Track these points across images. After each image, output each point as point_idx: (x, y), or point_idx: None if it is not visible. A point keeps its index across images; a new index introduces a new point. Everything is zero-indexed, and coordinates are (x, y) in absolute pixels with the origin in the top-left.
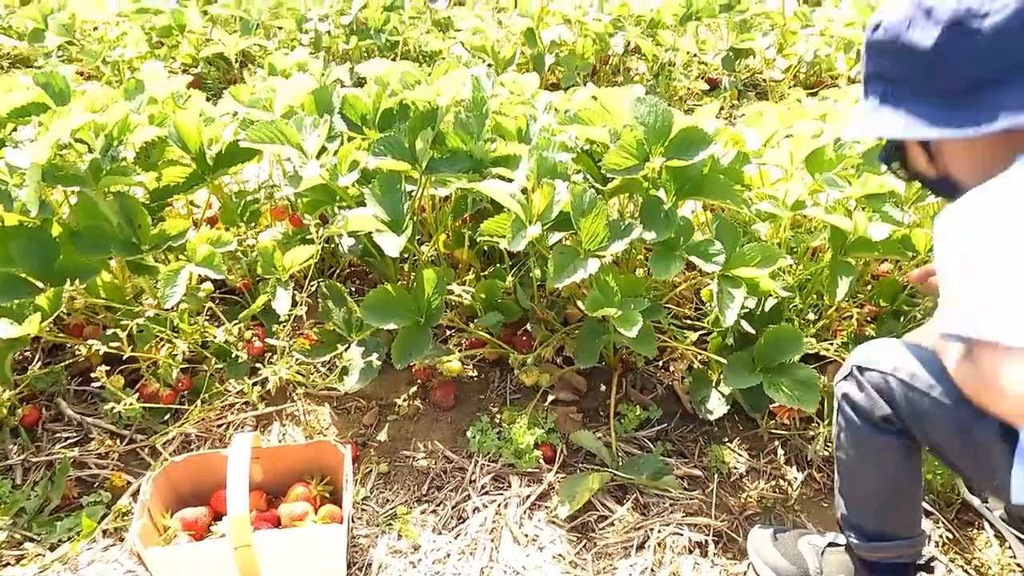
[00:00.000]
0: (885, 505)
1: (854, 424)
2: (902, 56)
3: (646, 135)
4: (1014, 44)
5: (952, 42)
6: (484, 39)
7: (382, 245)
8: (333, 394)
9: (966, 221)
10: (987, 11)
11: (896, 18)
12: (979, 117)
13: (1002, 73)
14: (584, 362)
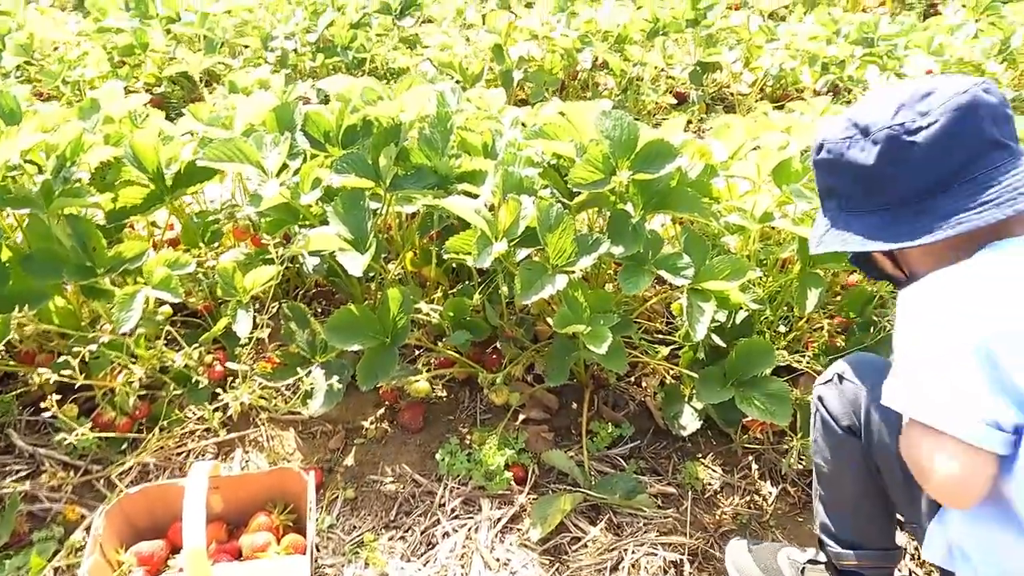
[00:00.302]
0: (859, 511)
1: (828, 427)
2: (848, 173)
3: (612, 149)
4: (948, 154)
5: (891, 157)
6: (452, 56)
7: (345, 264)
8: (298, 418)
9: (919, 305)
10: (918, 126)
11: (836, 137)
12: (930, 226)
13: (943, 182)
14: (554, 380)
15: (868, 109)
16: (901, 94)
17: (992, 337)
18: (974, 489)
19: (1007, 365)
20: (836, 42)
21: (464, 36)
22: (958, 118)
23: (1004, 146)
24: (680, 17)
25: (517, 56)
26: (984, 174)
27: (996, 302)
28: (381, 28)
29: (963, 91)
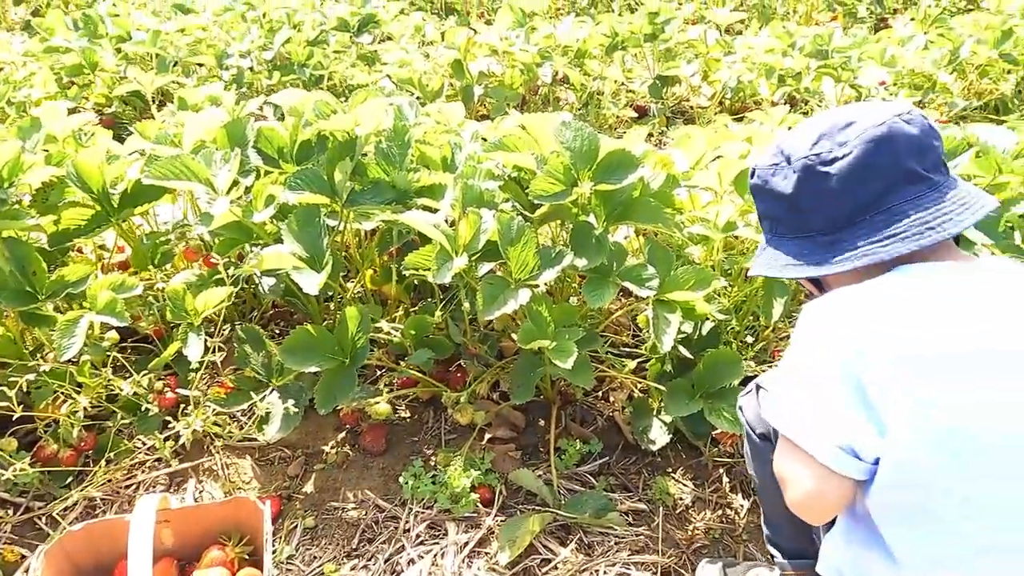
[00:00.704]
0: (792, 519)
1: (750, 437)
2: (773, 200)
3: (573, 160)
4: (862, 184)
5: (807, 186)
6: (411, 72)
7: (300, 283)
8: (254, 445)
9: (807, 320)
10: (834, 156)
11: (765, 164)
12: (841, 256)
13: (857, 212)
14: (520, 397)
15: (793, 137)
16: (824, 123)
17: (865, 362)
18: (825, 507)
19: (874, 394)
20: (792, 54)
21: (423, 53)
22: (873, 150)
23: (923, 178)
24: (638, 32)
25: (477, 72)
26: (897, 206)
27: (881, 324)
28: (339, 45)
29: (880, 123)
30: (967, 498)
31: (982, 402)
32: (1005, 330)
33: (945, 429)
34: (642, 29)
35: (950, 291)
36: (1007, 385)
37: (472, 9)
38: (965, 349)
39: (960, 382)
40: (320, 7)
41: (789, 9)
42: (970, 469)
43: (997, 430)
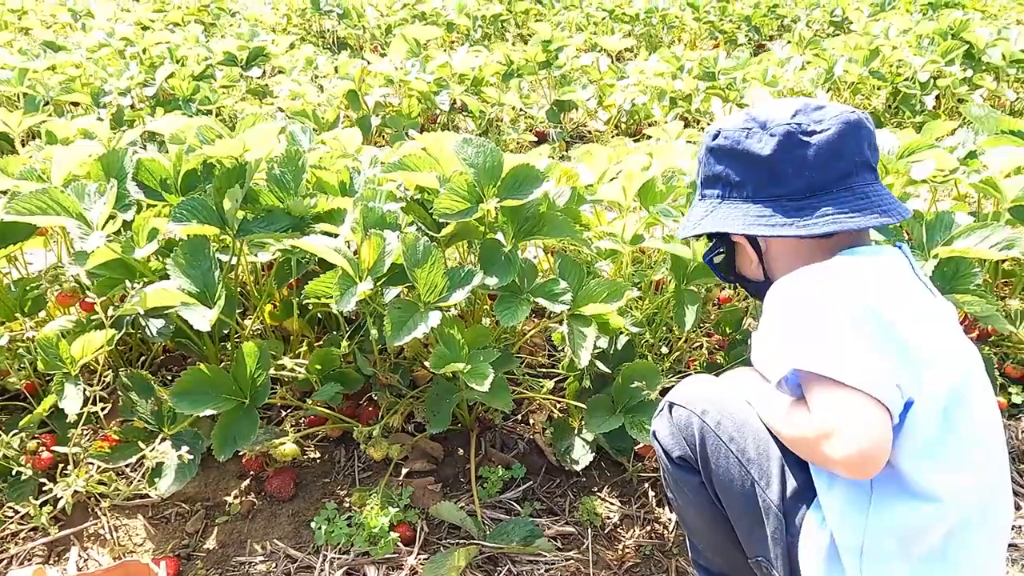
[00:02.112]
0: (716, 542)
1: (664, 461)
2: (742, 161)
3: (477, 176)
4: (835, 159)
5: (786, 152)
6: (305, 104)
7: (190, 320)
8: (147, 502)
9: (805, 286)
10: (813, 129)
11: (735, 127)
12: (808, 220)
13: (826, 185)
14: (437, 426)
15: (766, 108)
16: (797, 103)
17: (876, 305)
18: (884, 453)
19: (897, 332)
20: (681, 77)
21: (317, 85)
22: (847, 131)
23: (872, 168)
24: (533, 60)
25: (373, 102)
26: (859, 187)
27: (869, 285)
28: (227, 80)
29: (851, 111)
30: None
31: (950, 350)
32: (939, 306)
33: (944, 375)
34: (536, 57)
35: (898, 272)
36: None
37: (365, 44)
38: (928, 313)
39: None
40: (205, 42)
41: (674, 38)
42: (962, 406)
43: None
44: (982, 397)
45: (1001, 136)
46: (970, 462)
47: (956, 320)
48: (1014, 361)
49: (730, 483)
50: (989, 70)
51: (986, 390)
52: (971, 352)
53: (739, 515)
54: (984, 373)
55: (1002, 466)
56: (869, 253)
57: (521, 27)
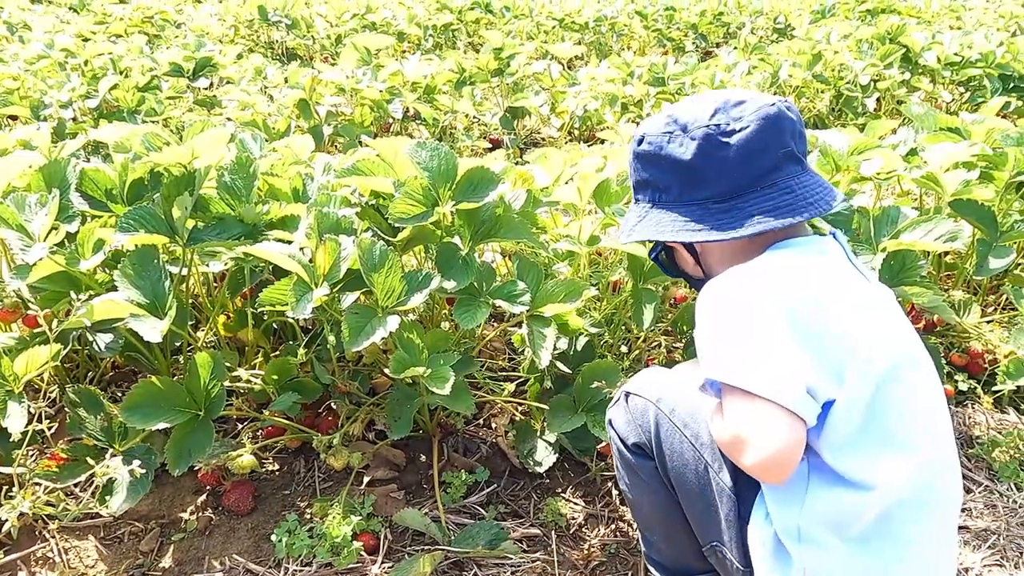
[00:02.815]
0: (670, 533)
1: (620, 449)
2: (666, 167)
3: (432, 180)
4: (758, 158)
5: (706, 155)
6: (255, 114)
7: (140, 331)
8: (98, 522)
9: (729, 291)
10: (733, 128)
11: (657, 131)
12: (736, 222)
13: (750, 184)
14: (398, 432)
15: (687, 108)
16: (716, 100)
17: (797, 307)
18: (793, 459)
19: (816, 330)
20: (632, 83)
21: (267, 95)
22: (767, 127)
23: (799, 159)
24: (485, 67)
25: (325, 112)
26: (783, 181)
27: (793, 281)
28: (173, 91)
29: (771, 104)
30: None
31: (886, 338)
32: (873, 292)
33: (877, 362)
34: (488, 64)
35: (829, 262)
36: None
37: (315, 54)
38: (860, 301)
39: (868, 325)
40: (150, 53)
41: (624, 45)
42: (895, 393)
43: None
44: (923, 382)
45: (939, 133)
46: (905, 447)
47: (894, 305)
48: (959, 350)
49: (684, 467)
50: (925, 72)
51: (928, 375)
52: (910, 338)
53: (693, 500)
54: (926, 358)
55: (946, 448)
56: (799, 246)
57: (472, 36)
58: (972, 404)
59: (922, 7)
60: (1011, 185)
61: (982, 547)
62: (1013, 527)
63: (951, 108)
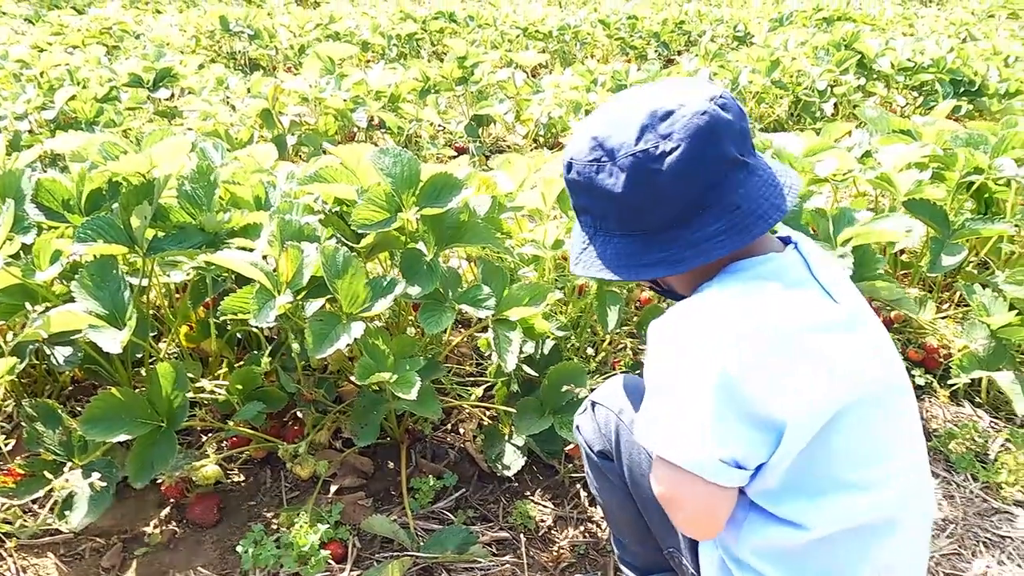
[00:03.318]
0: (638, 533)
1: (589, 454)
2: (598, 197)
3: (395, 186)
4: (694, 179)
5: (639, 185)
6: (216, 124)
7: (100, 343)
8: (58, 539)
9: (664, 340)
10: (663, 150)
11: (583, 157)
12: (682, 252)
13: (691, 207)
14: (365, 439)
15: (612, 128)
16: (642, 114)
17: (731, 370)
18: (717, 523)
19: (748, 395)
20: (595, 90)
21: (229, 105)
22: (700, 142)
23: (743, 164)
24: (449, 76)
25: (288, 121)
26: (728, 198)
27: (733, 333)
28: (133, 102)
29: (701, 112)
30: (846, 456)
31: (846, 375)
32: (838, 312)
33: (826, 402)
34: (452, 73)
35: (785, 287)
36: (854, 355)
37: (278, 64)
38: (813, 339)
39: (822, 366)
40: (109, 64)
41: (587, 54)
42: (841, 433)
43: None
44: (890, 412)
45: (892, 136)
46: (853, 488)
47: (865, 322)
48: (915, 346)
49: (642, 477)
50: (880, 78)
51: (897, 402)
52: (877, 364)
53: (651, 508)
54: (899, 381)
55: (908, 481)
56: (753, 270)
57: (436, 45)
58: (929, 398)
59: (876, 15)
60: (962, 185)
61: (941, 536)
62: (970, 516)
63: (905, 112)
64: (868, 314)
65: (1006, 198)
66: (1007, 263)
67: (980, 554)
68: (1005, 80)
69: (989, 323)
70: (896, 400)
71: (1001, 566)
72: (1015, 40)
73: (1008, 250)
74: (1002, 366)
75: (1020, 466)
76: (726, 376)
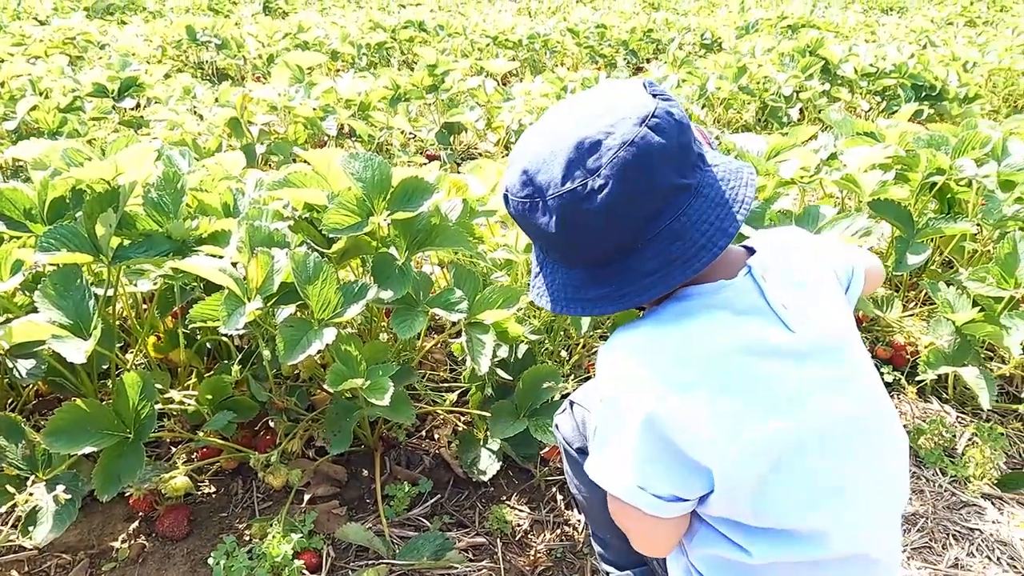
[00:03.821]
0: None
1: (567, 453)
2: (536, 233)
3: (366, 190)
4: (628, 212)
5: (571, 225)
6: (184, 134)
7: (63, 353)
8: (22, 556)
9: (604, 375)
10: (590, 189)
11: (516, 192)
12: (625, 288)
13: (631, 240)
14: (338, 446)
15: (540, 163)
16: (568, 145)
17: (659, 412)
18: (670, 543)
19: (675, 439)
20: (565, 96)
21: (196, 114)
22: (631, 175)
23: (684, 188)
24: (419, 84)
25: (257, 130)
26: (667, 228)
27: (665, 374)
28: (97, 111)
29: (629, 142)
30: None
31: (784, 409)
32: (792, 341)
33: (760, 445)
34: (423, 81)
35: (734, 317)
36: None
37: (247, 74)
38: (759, 376)
39: (763, 403)
40: (72, 74)
41: (557, 62)
42: (782, 468)
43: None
44: (849, 447)
45: (857, 138)
46: (791, 529)
47: (831, 345)
48: (884, 343)
49: None
50: (844, 83)
51: (862, 438)
52: (843, 395)
53: None
54: (868, 411)
55: (871, 516)
56: (702, 297)
57: (406, 54)
58: (898, 395)
59: (839, 23)
60: (925, 185)
61: (912, 530)
62: (940, 510)
63: (869, 116)
64: (841, 341)
65: (968, 198)
66: (970, 261)
67: (950, 547)
68: (964, 85)
69: (954, 320)
70: (862, 437)
71: (971, 558)
72: (972, 46)
73: (971, 248)
74: (967, 361)
75: (986, 460)
76: (654, 417)
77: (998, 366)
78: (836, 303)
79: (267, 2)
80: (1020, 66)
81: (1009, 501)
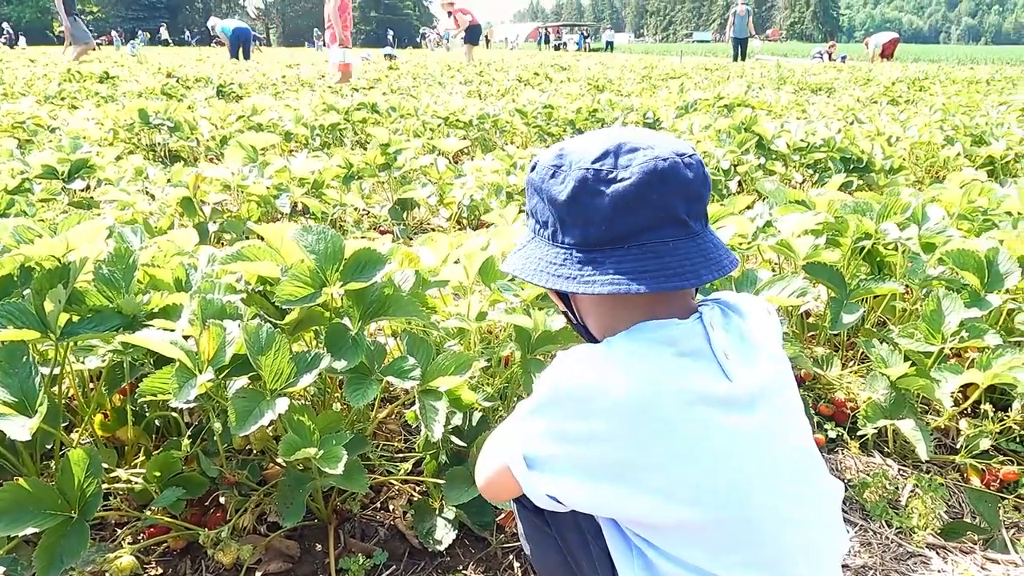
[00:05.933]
0: None
1: (523, 508)
2: (546, 201)
3: (319, 262)
4: (630, 214)
5: (579, 200)
6: (135, 214)
7: (7, 430)
8: None
9: (543, 388)
10: (612, 177)
11: (546, 162)
12: (590, 277)
13: (617, 238)
14: (290, 519)
15: (580, 144)
16: (612, 140)
17: (599, 460)
18: None
19: (606, 459)
20: (515, 172)
21: (148, 195)
22: (650, 183)
23: (683, 224)
24: (372, 162)
25: (210, 209)
26: (652, 244)
27: (602, 420)
28: (47, 193)
29: (664, 158)
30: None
31: (732, 452)
32: (728, 390)
33: (684, 491)
34: (376, 159)
35: (678, 356)
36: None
37: (200, 155)
38: (693, 429)
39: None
40: (22, 155)
41: (507, 140)
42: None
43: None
44: (781, 499)
45: (790, 206)
46: (724, 569)
47: (766, 397)
48: (825, 401)
49: (563, 515)
50: (778, 157)
51: (790, 491)
52: (772, 446)
53: (573, 546)
54: (792, 467)
55: (803, 553)
56: (654, 331)
57: (359, 134)
58: (841, 450)
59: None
60: (855, 249)
61: None
62: (888, 561)
63: (803, 187)
64: (775, 396)
65: (895, 260)
66: (900, 319)
67: None
68: (889, 157)
69: (888, 374)
70: (790, 488)
71: None
72: (895, 123)
73: (900, 307)
74: (903, 414)
75: (928, 510)
76: (590, 466)
77: (934, 418)
78: (777, 360)
79: (221, 86)
80: (939, 140)
81: (952, 550)
